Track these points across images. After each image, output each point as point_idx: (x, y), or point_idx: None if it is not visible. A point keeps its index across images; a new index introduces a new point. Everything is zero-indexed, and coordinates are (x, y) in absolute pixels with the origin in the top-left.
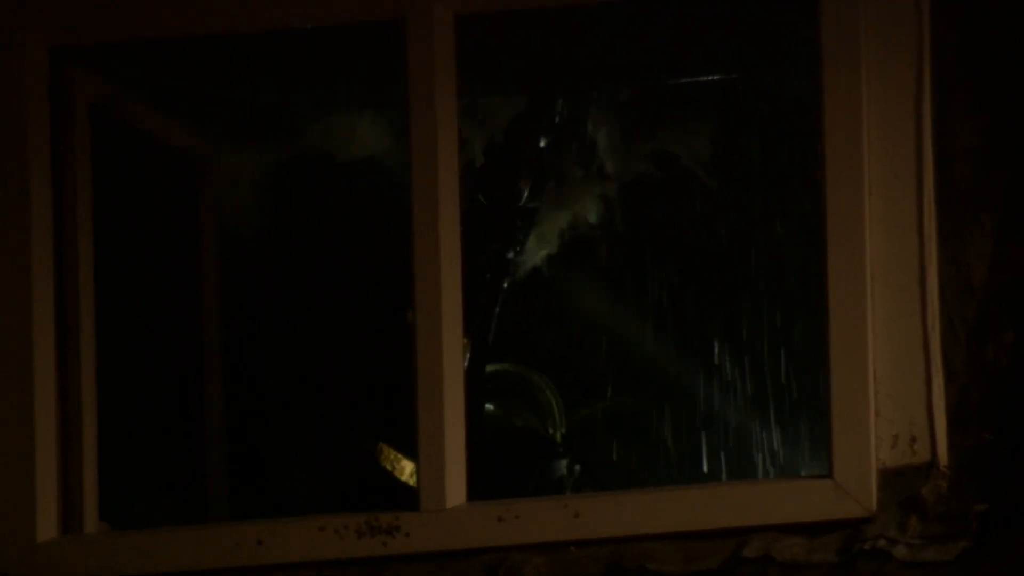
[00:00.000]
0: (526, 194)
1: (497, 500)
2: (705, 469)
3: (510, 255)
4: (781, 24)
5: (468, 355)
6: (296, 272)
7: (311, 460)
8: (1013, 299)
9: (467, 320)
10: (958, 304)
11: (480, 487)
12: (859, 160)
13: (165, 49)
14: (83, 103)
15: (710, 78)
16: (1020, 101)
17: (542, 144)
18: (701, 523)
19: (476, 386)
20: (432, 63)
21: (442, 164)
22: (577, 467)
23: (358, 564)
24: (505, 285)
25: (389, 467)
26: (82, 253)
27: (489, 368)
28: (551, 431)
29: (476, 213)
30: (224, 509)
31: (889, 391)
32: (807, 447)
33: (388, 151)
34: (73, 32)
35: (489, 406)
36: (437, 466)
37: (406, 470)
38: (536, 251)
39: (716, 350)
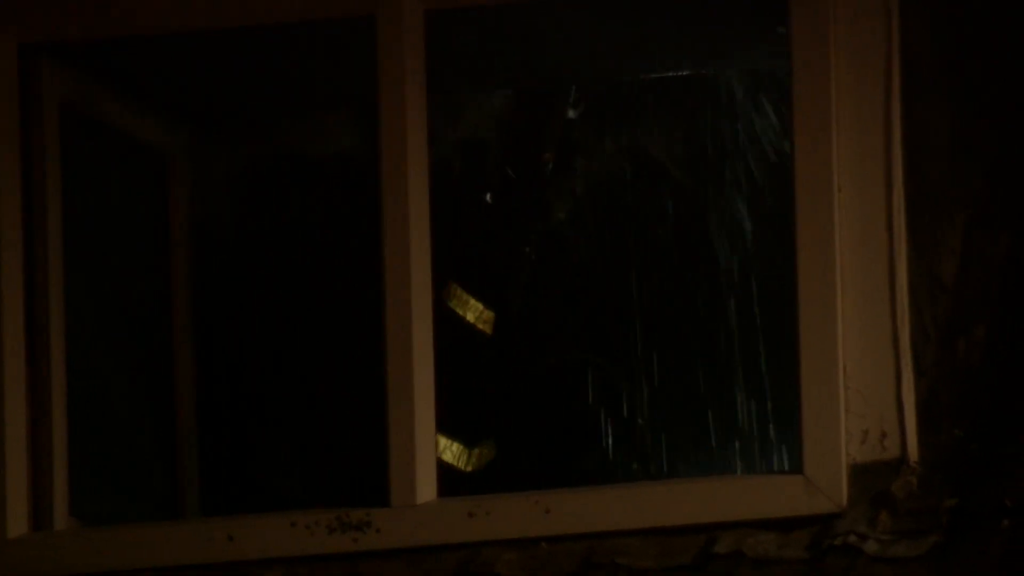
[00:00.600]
0: (551, 167)
1: (468, 496)
2: (665, 468)
3: (540, 228)
4: (752, 20)
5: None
6: (268, 268)
7: (284, 455)
8: (984, 295)
9: (500, 291)
10: (929, 301)
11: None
12: (828, 157)
13: (135, 46)
14: (52, 99)
15: (681, 74)
16: (991, 97)
17: (570, 115)
18: (673, 519)
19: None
20: (402, 59)
21: (411, 160)
22: None
23: (329, 560)
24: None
25: (458, 308)
26: (51, 250)
27: None
28: None
29: (508, 187)
30: (196, 506)
31: (859, 387)
32: (776, 442)
33: (359, 147)
34: (42, 29)
35: None
36: (408, 461)
37: (472, 312)
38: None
39: (683, 348)
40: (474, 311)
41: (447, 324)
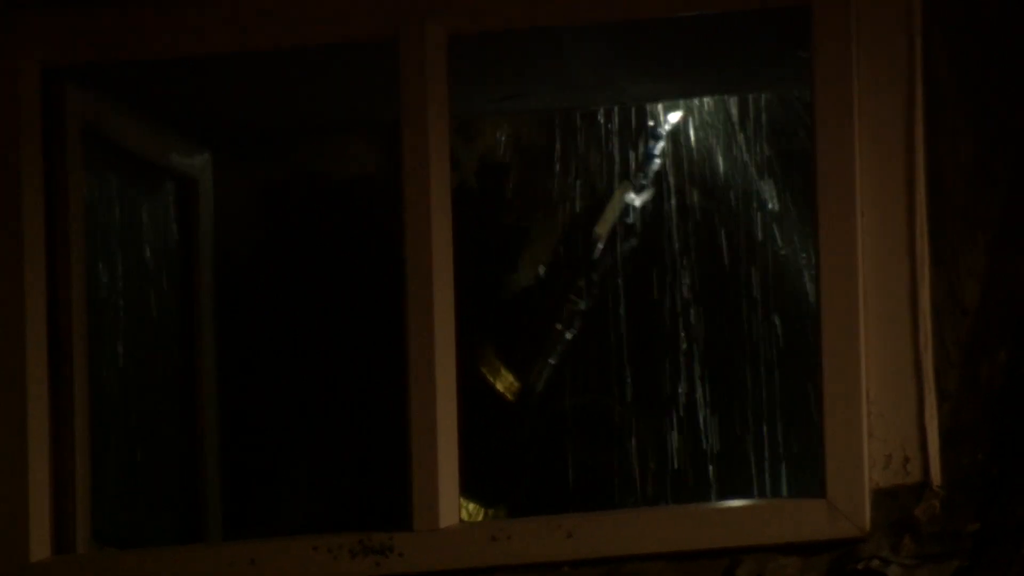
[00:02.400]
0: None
1: (490, 520)
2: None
3: (582, 307)
4: (774, 46)
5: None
6: (291, 288)
7: (306, 479)
8: (1006, 318)
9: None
10: (951, 324)
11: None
12: (851, 180)
13: (158, 69)
14: (75, 122)
15: (703, 98)
16: (1013, 117)
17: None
18: (695, 543)
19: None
20: (425, 82)
21: (434, 182)
22: None
23: None
24: (568, 337)
25: (489, 374)
26: (74, 271)
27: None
28: None
29: (556, 266)
30: (218, 529)
31: (882, 411)
32: (797, 467)
33: (380, 169)
34: (65, 52)
35: None
36: (431, 486)
37: (502, 382)
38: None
39: (705, 371)
40: (504, 381)
41: (471, 384)
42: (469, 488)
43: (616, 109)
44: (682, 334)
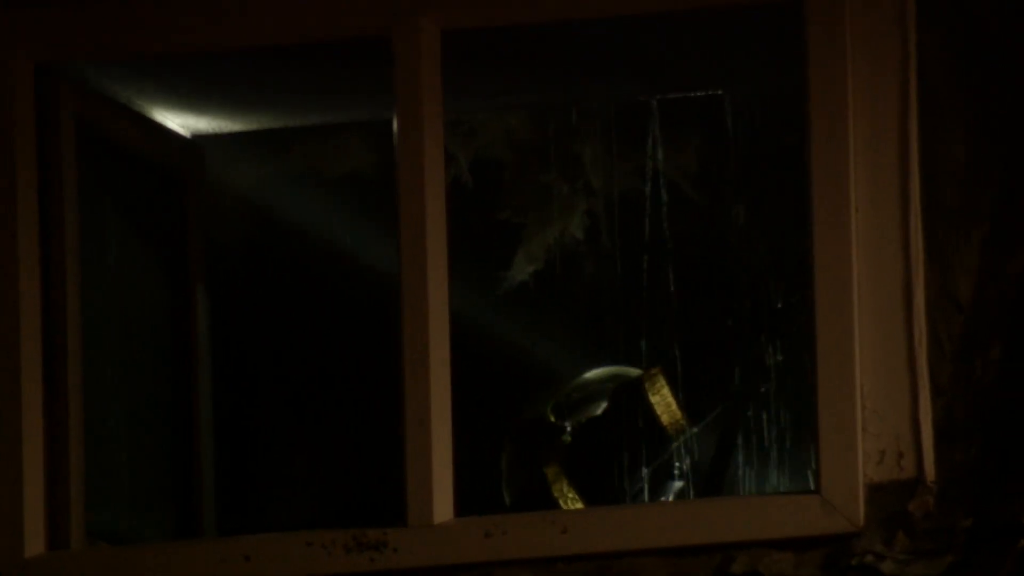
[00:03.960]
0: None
1: (484, 516)
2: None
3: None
4: (768, 41)
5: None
6: (285, 285)
7: (301, 475)
8: (1000, 314)
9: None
10: (945, 320)
11: None
12: (845, 177)
13: (151, 66)
14: (69, 118)
15: (696, 94)
16: (1007, 115)
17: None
18: (689, 538)
19: None
20: (418, 78)
21: (428, 178)
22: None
23: None
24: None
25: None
26: (69, 269)
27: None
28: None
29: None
30: (212, 522)
31: (876, 407)
32: (790, 462)
33: (374, 166)
34: (59, 48)
35: None
36: (425, 481)
37: (666, 414)
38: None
39: (699, 366)
40: (669, 413)
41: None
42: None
43: (612, 105)
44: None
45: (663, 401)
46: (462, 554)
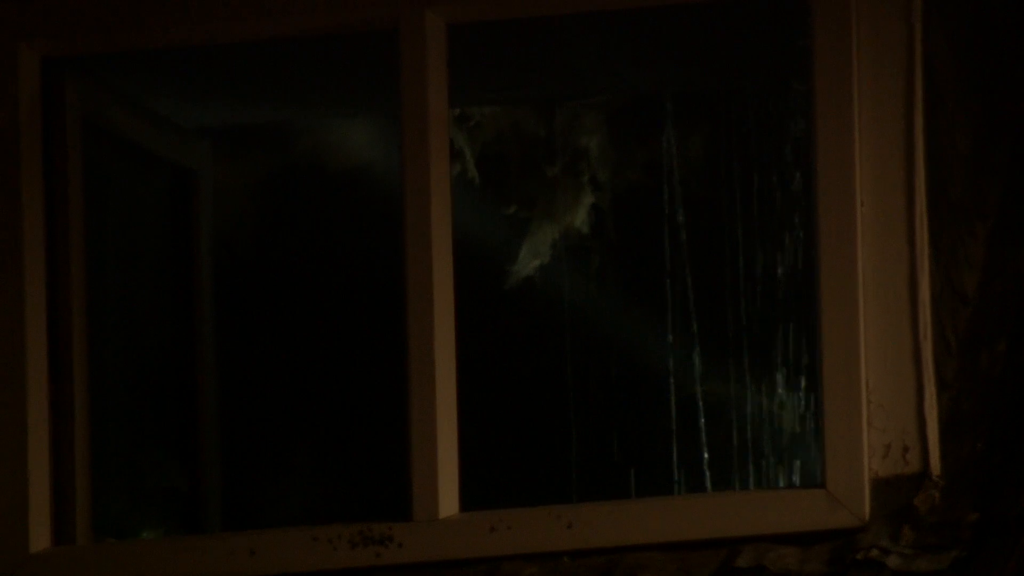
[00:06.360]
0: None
1: (490, 510)
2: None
3: None
4: (774, 35)
5: None
6: (290, 279)
7: (306, 469)
8: (1006, 308)
9: None
10: (950, 314)
11: None
12: (851, 171)
13: (158, 60)
14: (75, 114)
15: (703, 88)
16: (1012, 108)
17: None
18: (694, 533)
19: None
20: (424, 72)
21: (434, 172)
22: None
23: (351, 574)
24: None
25: None
26: (74, 263)
27: None
28: None
29: None
30: (217, 517)
31: (881, 401)
32: (796, 455)
33: (379, 160)
34: (66, 43)
35: None
36: (430, 476)
37: None
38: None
39: (702, 360)
40: None
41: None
42: None
43: (618, 99)
44: None
45: None
46: (467, 549)
